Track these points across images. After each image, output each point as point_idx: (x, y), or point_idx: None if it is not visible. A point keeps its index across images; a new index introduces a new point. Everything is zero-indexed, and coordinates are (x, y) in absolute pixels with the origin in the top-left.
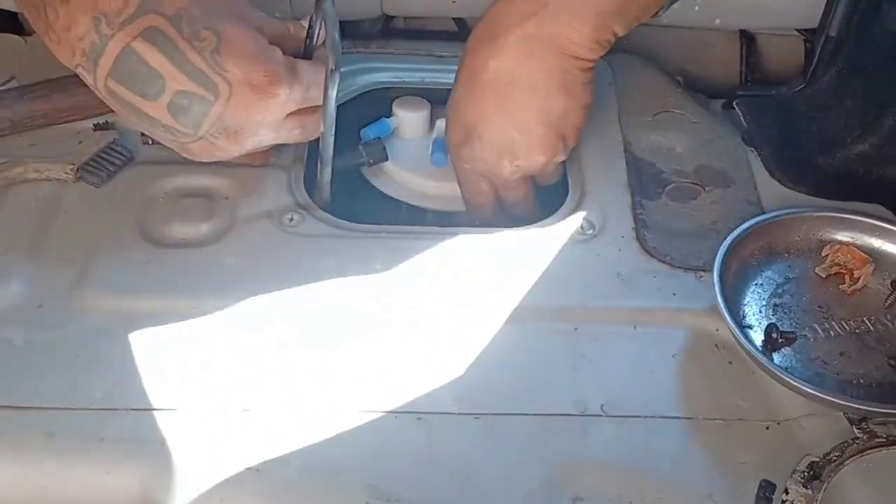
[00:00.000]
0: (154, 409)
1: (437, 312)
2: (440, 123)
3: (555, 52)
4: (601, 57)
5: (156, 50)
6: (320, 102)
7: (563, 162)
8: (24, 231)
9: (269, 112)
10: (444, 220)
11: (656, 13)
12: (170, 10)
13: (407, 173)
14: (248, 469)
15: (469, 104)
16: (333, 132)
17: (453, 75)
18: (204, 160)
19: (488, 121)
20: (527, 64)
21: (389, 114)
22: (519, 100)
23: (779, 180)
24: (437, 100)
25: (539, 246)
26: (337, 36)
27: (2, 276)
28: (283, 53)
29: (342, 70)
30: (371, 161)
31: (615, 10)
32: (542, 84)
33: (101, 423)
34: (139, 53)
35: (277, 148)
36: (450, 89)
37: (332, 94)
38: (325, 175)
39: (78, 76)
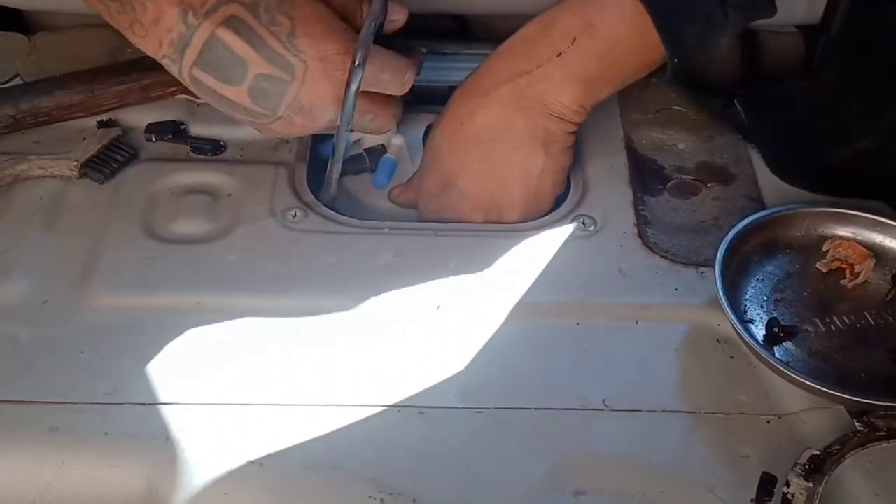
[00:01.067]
0: (158, 404)
1: (440, 308)
2: (396, 140)
3: (542, 112)
4: (581, 123)
5: (238, 37)
6: (392, 90)
7: None
8: (28, 228)
9: (341, 87)
10: None
11: (655, 74)
12: None
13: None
14: (252, 463)
15: (451, 154)
16: (349, 128)
17: (453, 72)
18: (284, 136)
19: (469, 173)
20: (513, 120)
21: None
22: (502, 154)
23: (779, 176)
24: (435, 97)
25: (541, 242)
26: (370, 32)
27: (6, 273)
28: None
29: None
30: (373, 168)
31: (604, 76)
32: (526, 141)
33: (106, 418)
34: (224, 41)
35: (281, 145)
36: (451, 87)
37: (353, 87)
38: (335, 171)
39: (79, 74)
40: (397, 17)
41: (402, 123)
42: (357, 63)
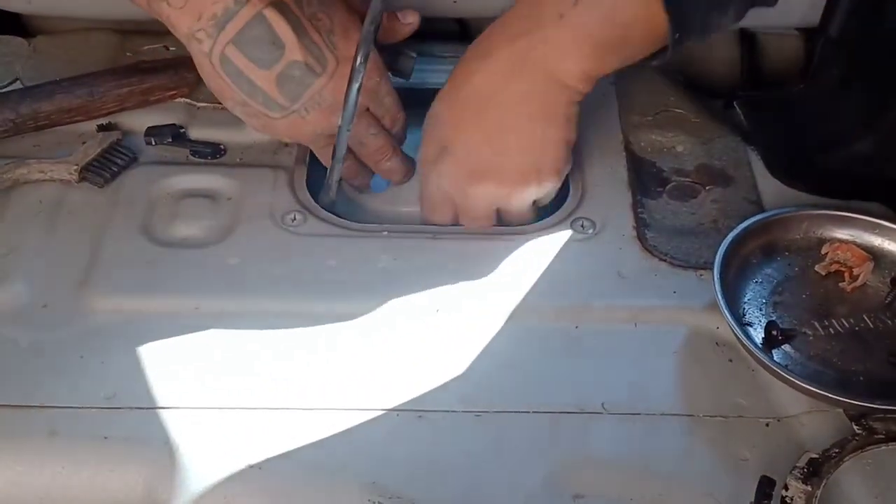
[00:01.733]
0: (158, 408)
1: (439, 311)
2: None
3: (543, 77)
4: (586, 95)
5: (283, 20)
6: (387, 120)
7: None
8: (28, 231)
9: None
10: None
11: (650, 59)
12: None
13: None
14: (252, 467)
15: (447, 119)
16: (350, 129)
17: None
18: (285, 139)
19: (465, 138)
20: (512, 85)
21: None
22: (499, 120)
23: (779, 179)
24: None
25: (540, 245)
26: (370, 31)
27: (6, 277)
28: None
29: None
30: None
31: (609, 43)
32: (525, 107)
33: (106, 422)
34: (269, 20)
35: (280, 148)
36: None
37: (355, 88)
38: (336, 173)
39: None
40: (412, 21)
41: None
42: (359, 62)
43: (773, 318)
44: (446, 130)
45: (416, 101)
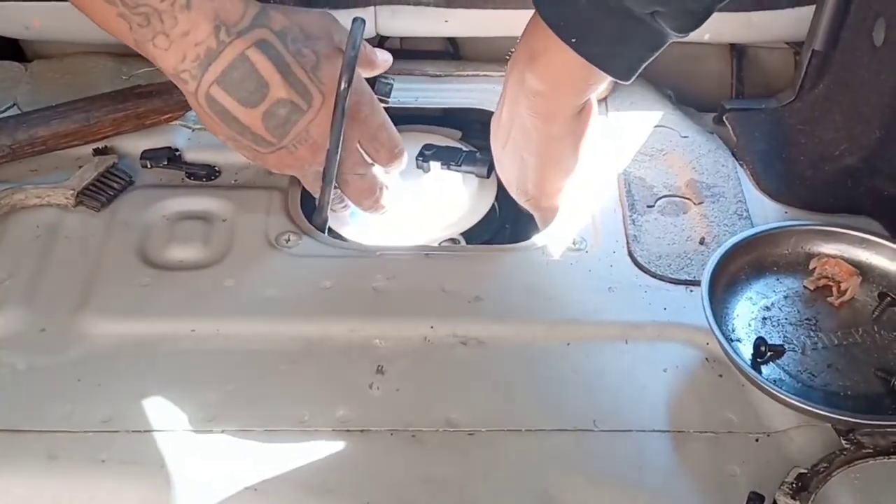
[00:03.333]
0: (154, 431)
1: (431, 330)
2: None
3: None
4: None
5: (266, 59)
6: (382, 156)
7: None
8: (25, 256)
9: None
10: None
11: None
12: (277, 27)
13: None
14: (247, 488)
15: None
16: (339, 153)
17: (447, 94)
18: (275, 171)
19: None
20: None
21: None
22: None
23: (768, 194)
24: (430, 120)
25: (531, 262)
26: (353, 55)
27: (4, 302)
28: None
29: None
30: None
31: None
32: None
33: (103, 446)
34: (252, 61)
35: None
36: (444, 109)
37: (340, 110)
38: (326, 195)
39: (75, 103)
40: (387, 58)
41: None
42: (342, 87)
43: (762, 334)
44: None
45: (409, 120)
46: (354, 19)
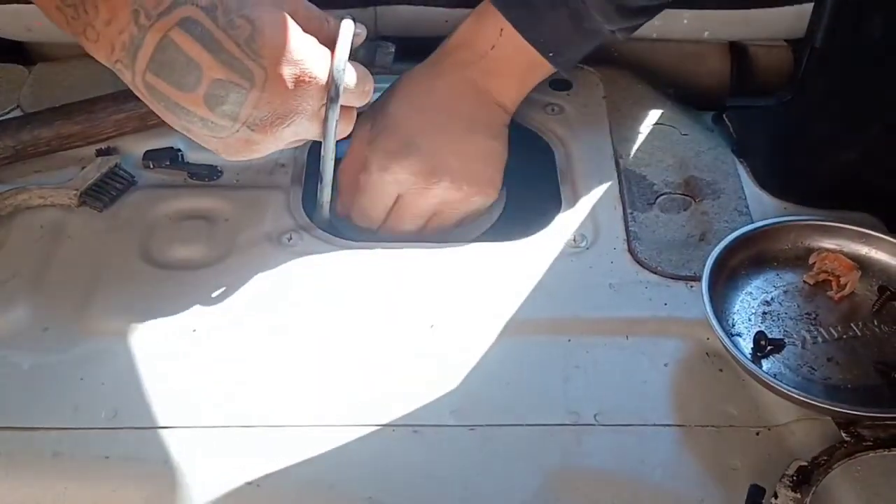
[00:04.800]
0: (157, 428)
1: (433, 326)
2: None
3: (489, 102)
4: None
5: (192, 39)
6: (353, 102)
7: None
8: (29, 256)
9: (303, 99)
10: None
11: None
12: (204, 1)
13: None
14: (249, 484)
15: (413, 120)
16: (334, 154)
17: None
18: (242, 159)
19: (430, 137)
20: (465, 104)
21: None
22: (459, 130)
23: (768, 190)
24: None
25: (532, 258)
26: (342, 56)
27: (8, 301)
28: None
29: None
30: None
31: (531, 68)
32: (478, 125)
33: (107, 442)
34: (176, 43)
35: (276, 169)
36: None
37: (334, 114)
38: (325, 195)
39: (78, 104)
40: (360, 32)
41: None
42: (333, 94)
43: (762, 328)
44: (412, 129)
45: None
46: (343, 19)
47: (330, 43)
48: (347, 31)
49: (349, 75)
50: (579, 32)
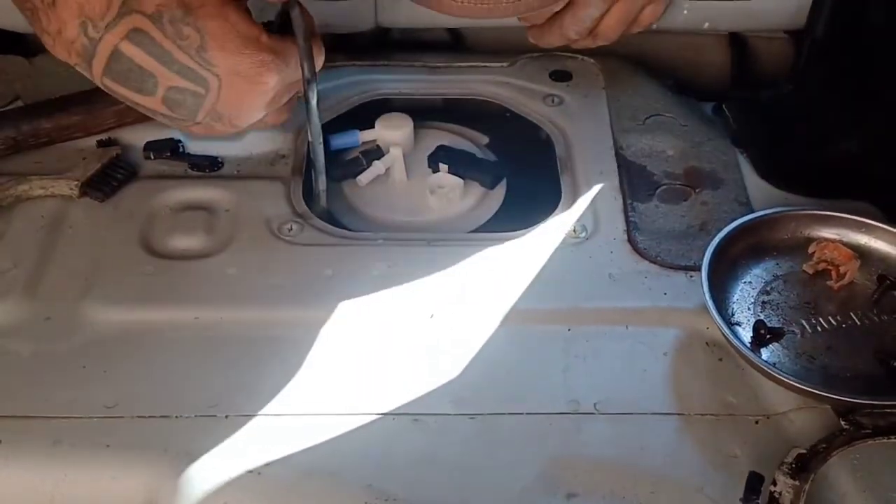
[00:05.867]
0: (157, 416)
1: (433, 316)
2: (394, 151)
3: None
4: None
5: (143, 51)
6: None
7: None
8: (30, 246)
9: (260, 98)
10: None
11: None
12: (150, 9)
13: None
14: (250, 472)
15: None
16: (321, 141)
17: (449, 86)
18: (204, 138)
19: None
20: None
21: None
22: None
23: (767, 180)
24: (431, 110)
25: (532, 249)
26: (307, 45)
27: (9, 291)
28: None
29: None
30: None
31: None
32: None
33: (107, 431)
34: (128, 55)
35: (277, 160)
36: (445, 99)
37: (313, 102)
38: (320, 184)
39: (78, 96)
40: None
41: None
42: (309, 77)
43: (761, 317)
44: None
45: (412, 114)
46: (291, 7)
47: None
48: (298, 18)
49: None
50: None
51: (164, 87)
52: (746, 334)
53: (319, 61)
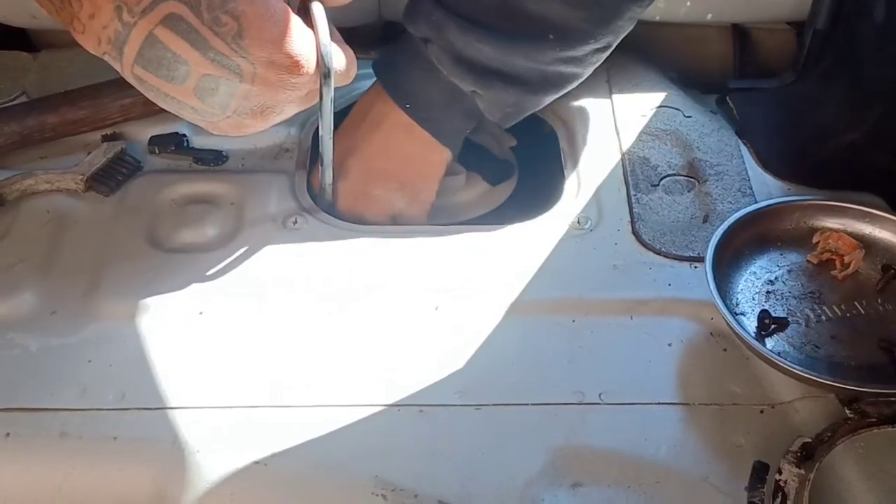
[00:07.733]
0: (164, 408)
1: (439, 307)
2: None
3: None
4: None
5: (178, 37)
6: (339, 82)
7: None
8: (36, 241)
9: (295, 91)
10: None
11: None
12: None
13: None
14: (257, 463)
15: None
16: (332, 135)
17: None
18: (233, 136)
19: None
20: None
21: None
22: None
23: (771, 172)
24: None
25: (537, 240)
26: (326, 39)
27: (17, 285)
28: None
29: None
30: None
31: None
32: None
33: (114, 423)
34: (162, 41)
35: (281, 153)
36: None
37: (328, 97)
38: (327, 177)
39: (83, 90)
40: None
41: None
42: (326, 72)
43: (766, 307)
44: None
45: None
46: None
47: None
48: (319, 11)
49: (337, 56)
50: (437, 86)
51: (197, 76)
52: (751, 324)
53: (343, 57)
